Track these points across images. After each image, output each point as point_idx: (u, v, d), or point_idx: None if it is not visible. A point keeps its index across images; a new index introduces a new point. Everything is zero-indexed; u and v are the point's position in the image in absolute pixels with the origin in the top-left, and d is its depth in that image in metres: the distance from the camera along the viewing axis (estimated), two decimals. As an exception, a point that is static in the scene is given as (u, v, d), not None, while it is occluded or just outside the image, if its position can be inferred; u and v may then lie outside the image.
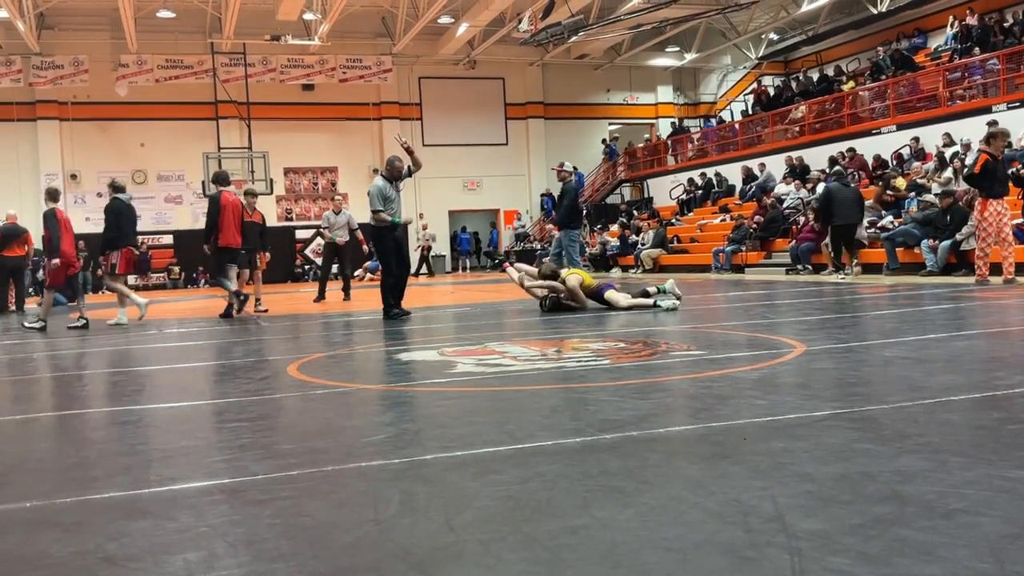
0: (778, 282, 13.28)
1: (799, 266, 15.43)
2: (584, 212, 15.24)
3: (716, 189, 23.28)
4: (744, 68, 30.18)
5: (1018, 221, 12.37)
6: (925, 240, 12.79)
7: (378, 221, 9.02)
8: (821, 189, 14.91)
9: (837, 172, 14.65)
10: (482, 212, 29.50)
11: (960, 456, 2.49)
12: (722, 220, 20.42)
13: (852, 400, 3.42)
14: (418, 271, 24.04)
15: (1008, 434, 2.78)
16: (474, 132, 28.63)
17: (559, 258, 11.42)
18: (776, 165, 20.77)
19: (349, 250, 13.84)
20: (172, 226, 25.76)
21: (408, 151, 9.36)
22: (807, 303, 8.84)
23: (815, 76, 24.74)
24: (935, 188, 14.36)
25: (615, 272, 20.65)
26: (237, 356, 6.38)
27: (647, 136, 29.71)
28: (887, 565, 1.69)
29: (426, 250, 25.52)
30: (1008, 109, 15.72)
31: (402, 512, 2.20)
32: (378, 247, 9.17)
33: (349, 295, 13.48)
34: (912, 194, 14.85)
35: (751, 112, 25.26)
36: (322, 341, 7.63)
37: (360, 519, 2.16)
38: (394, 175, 9.19)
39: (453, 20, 24.35)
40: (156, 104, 25.16)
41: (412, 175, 9.46)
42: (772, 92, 25.62)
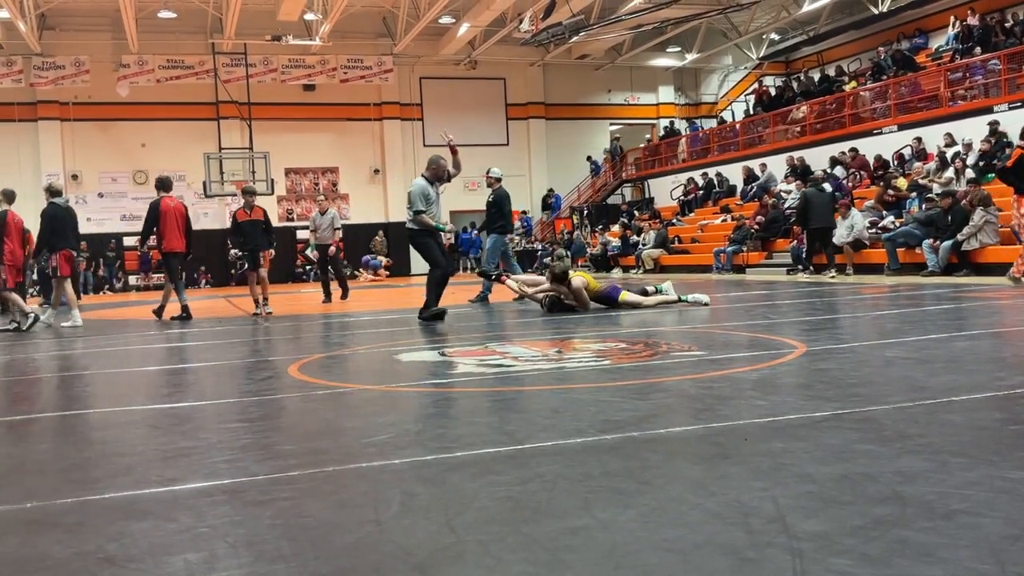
0: (779, 282, 13.28)
1: (800, 267, 15.42)
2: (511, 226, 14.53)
3: (717, 189, 23.28)
4: (745, 68, 30.18)
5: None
6: (926, 240, 12.79)
7: (421, 224, 8.50)
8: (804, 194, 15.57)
9: (814, 179, 15.73)
10: (483, 212, 29.48)
11: (961, 457, 2.48)
12: (723, 220, 20.42)
13: (853, 401, 3.41)
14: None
15: (1009, 435, 2.78)
16: (475, 132, 28.60)
17: (508, 260, 11.35)
18: (777, 165, 20.76)
19: (337, 249, 13.62)
20: (173, 226, 25.77)
21: (452, 150, 8.95)
22: (808, 303, 8.84)
23: (816, 76, 24.73)
24: (936, 188, 14.35)
25: (616, 272, 20.65)
26: (238, 356, 6.38)
27: (648, 136, 29.72)
28: (888, 566, 1.69)
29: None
30: (1009, 109, 15.70)
31: (403, 513, 2.20)
32: (421, 248, 8.60)
33: (347, 294, 13.29)
34: (913, 194, 14.84)
35: (752, 112, 25.25)
36: (323, 342, 7.63)
37: (361, 520, 2.16)
38: (438, 176, 8.67)
39: (454, 20, 24.36)
40: (157, 104, 25.17)
41: (451, 179, 8.97)
42: (773, 92, 25.61)
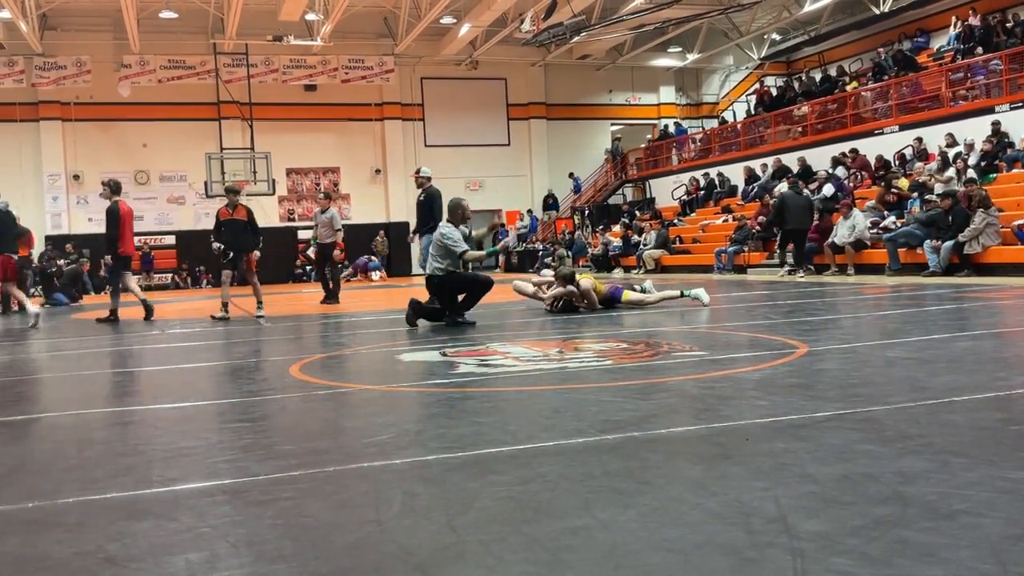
0: (780, 283, 13.27)
1: (801, 267, 15.41)
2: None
3: (718, 189, 23.27)
4: (746, 68, 30.16)
5: (1020, 222, 12.37)
6: (928, 240, 12.78)
7: (471, 260, 8.25)
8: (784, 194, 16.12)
9: (793, 182, 16.38)
10: (484, 213, 29.48)
11: (962, 457, 2.48)
12: (724, 221, 20.41)
13: (854, 401, 3.41)
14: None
15: (1011, 435, 2.77)
16: (476, 133, 28.63)
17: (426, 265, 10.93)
18: (789, 163, 20.70)
19: (331, 251, 12.97)
20: (175, 227, 25.77)
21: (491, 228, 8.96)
22: (809, 304, 8.83)
23: (818, 76, 24.72)
24: (938, 188, 14.34)
25: (617, 273, 20.64)
26: (239, 357, 6.38)
27: (649, 136, 29.71)
28: (889, 566, 1.69)
29: None
30: (1011, 109, 15.69)
31: (404, 513, 2.20)
32: (459, 284, 8.12)
33: (337, 297, 12.74)
34: (915, 195, 14.84)
35: (753, 113, 25.24)
36: (324, 341, 7.63)
37: (362, 520, 2.16)
38: (462, 219, 8.23)
39: (455, 20, 24.36)
40: (158, 105, 25.17)
41: (470, 235, 8.45)
42: (774, 93, 25.60)
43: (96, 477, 2.77)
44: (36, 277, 17.65)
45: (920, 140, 17.24)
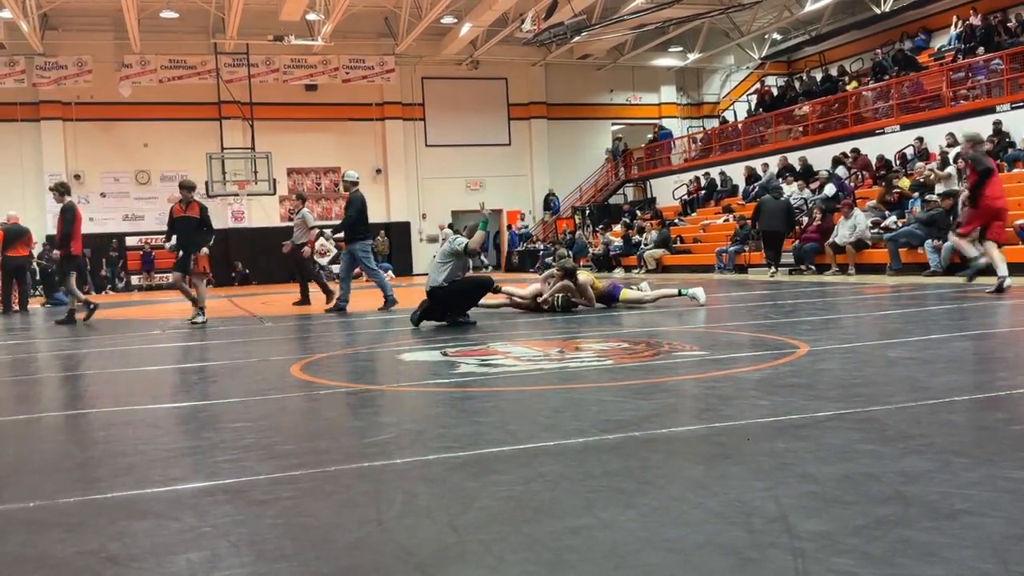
0: (781, 282, 13.26)
1: (802, 266, 15.42)
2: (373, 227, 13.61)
3: (720, 189, 23.26)
4: (747, 68, 30.14)
5: (1021, 221, 12.36)
6: (928, 240, 12.77)
7: (475, 244, 8.26)
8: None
9: (775, 187, 16.82)
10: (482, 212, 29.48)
11: (964, 457, 2.48)
12: (725, 220, 20.40)
13: (855, 401, 3.41)
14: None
15: (1012, 435, 2.77)
16: (477, 132, 28.62)
17: (348, 273, 10.80)
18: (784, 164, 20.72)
19: (297, 249, 12.66)
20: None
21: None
22: (810, 303, 8.83)
23: (818, 76, 24.70)
24: (939, 188, 14.32)
25: (618, 272, 20.64)
26: (240, 356, 6.38)
27: (650, 136, 29.70)
28: (891, 566, 1.69)
29: None
30: (1012, 109, 15.68)
31: (405, 513, 2.20)
32: (470, 290, 8.23)
33: (307, 299, 12.38)
34: (916, 194, 14.83)
35: (754, 112, 25.23)
36: (325, 341, 7.63)
37: (363, 519, 2.16)
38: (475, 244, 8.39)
39: (456, 20, 24.35)
40: (159, 104, 25.17)
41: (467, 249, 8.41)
42: (775, 92, 25.59)
43: (97, 476, 2.77)
44: (37, 277, 17.66)
45: (921, 140, 17.23)
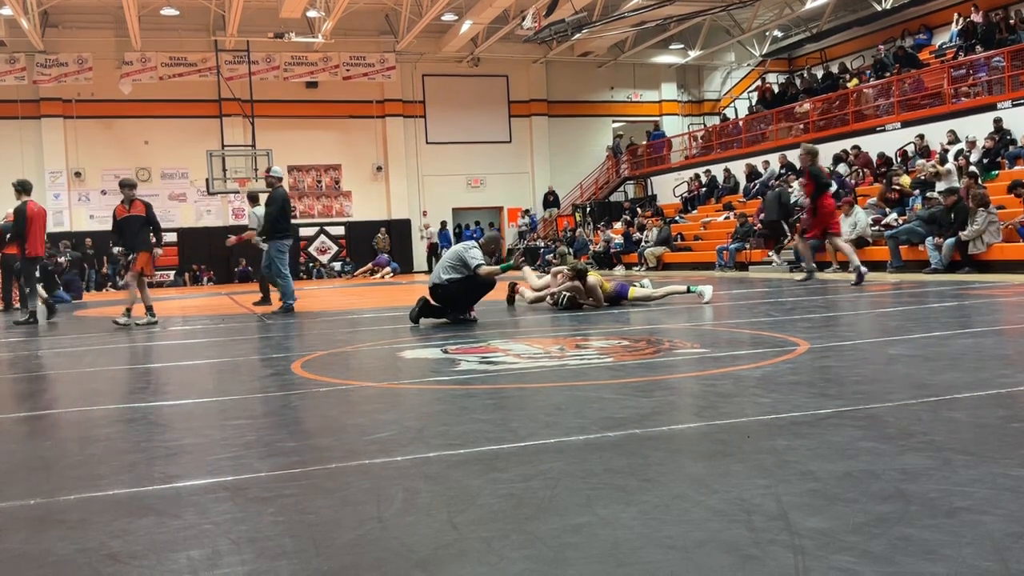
0: (782, 280, 13.26)
1: (802, 263, 15.40)
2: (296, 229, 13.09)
3: (721, 186, 23.25)
4: (748, 65, 30.11)
5: (1021, 219, 12.36)
6: (929, 238, 12.77)
7: (486, 274, 8.11)
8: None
9: (775, 184, 17.67)
10: (485, 210, 29.50)
11: (964, 454, 2.48)
12: (726, 218, 20.39)
13: (856, 398, 3.41)
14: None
15: (1012, 432, 2.77)
16: (477, 130, 28.62)
17: (268, 271, 10.74)
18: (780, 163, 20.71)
19: (258, 250, 12.20)
20: (176, 223, 25.72)
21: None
22: (811, 301, 8.83)
23: (820, 73, 24.67)
24: (940, 186, 14.31)
25: (619, 270, 20.64)
26: (241, 354, 6.39)
27: (649, 131, 29.69)
28: (891, 563, 1.69)
29: (433, 247, 25.99)
30: (1013, 106, 15.66)
31: (405, 510, 2.20)
32: (474, 287, 8.11)
33: (269, 300, 12.14)
34: (916, 192, 14.82)
35: (755, 110, 25.20)
36: (326, 338, 7.63)
37: (363, 517, 2.16)
38: (489, 252, 8.40)
39: (457, 17, 24.33)
40: (160, 102, 25.18)
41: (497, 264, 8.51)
42: (776, 89, 25.56)
43: (98, 474, 2.77)
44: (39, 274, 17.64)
45: (922, 137, 17.22)
